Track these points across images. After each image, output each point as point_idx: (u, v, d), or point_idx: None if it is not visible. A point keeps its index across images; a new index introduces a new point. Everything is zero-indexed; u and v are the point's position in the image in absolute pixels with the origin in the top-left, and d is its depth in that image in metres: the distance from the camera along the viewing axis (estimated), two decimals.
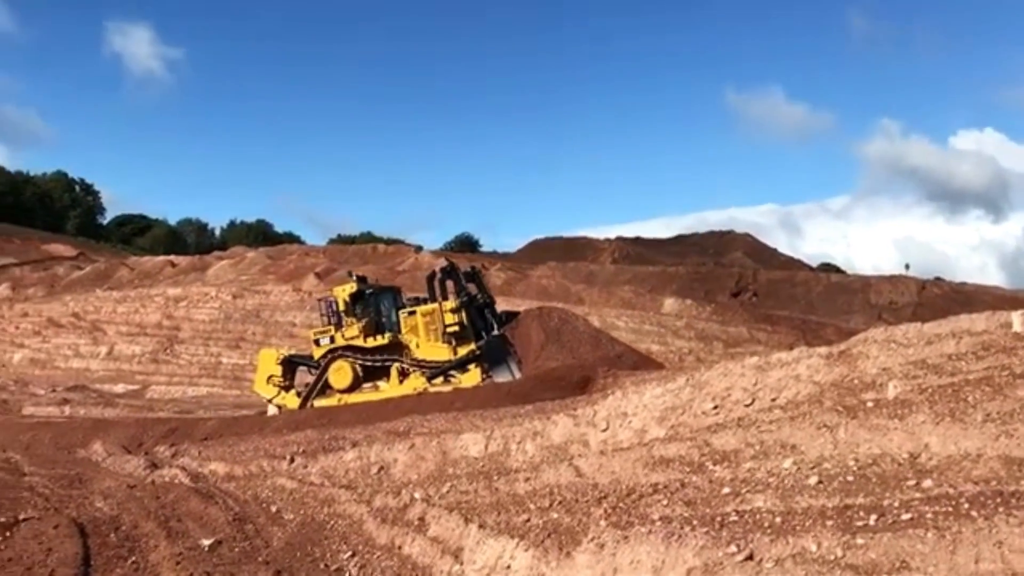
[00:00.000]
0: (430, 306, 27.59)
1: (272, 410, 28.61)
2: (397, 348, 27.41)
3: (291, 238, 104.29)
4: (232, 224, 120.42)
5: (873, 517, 5.13)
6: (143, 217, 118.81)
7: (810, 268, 69.72)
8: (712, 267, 64.36)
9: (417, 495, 10.67)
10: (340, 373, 27.57)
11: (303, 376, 29.65)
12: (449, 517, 9.02)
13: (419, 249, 74.84)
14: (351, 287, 28.68)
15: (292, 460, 15.73)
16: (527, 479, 9.76)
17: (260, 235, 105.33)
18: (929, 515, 4.93)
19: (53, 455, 21.46)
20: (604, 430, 11.46)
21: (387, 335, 27.46)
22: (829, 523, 5.19)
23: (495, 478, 10.49)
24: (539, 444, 12.10)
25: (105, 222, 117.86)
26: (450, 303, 27.18)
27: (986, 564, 4.33)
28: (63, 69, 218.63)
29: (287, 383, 29.03)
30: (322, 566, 9.79)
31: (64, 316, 54.92)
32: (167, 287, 59.14)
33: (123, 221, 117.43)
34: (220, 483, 15.48)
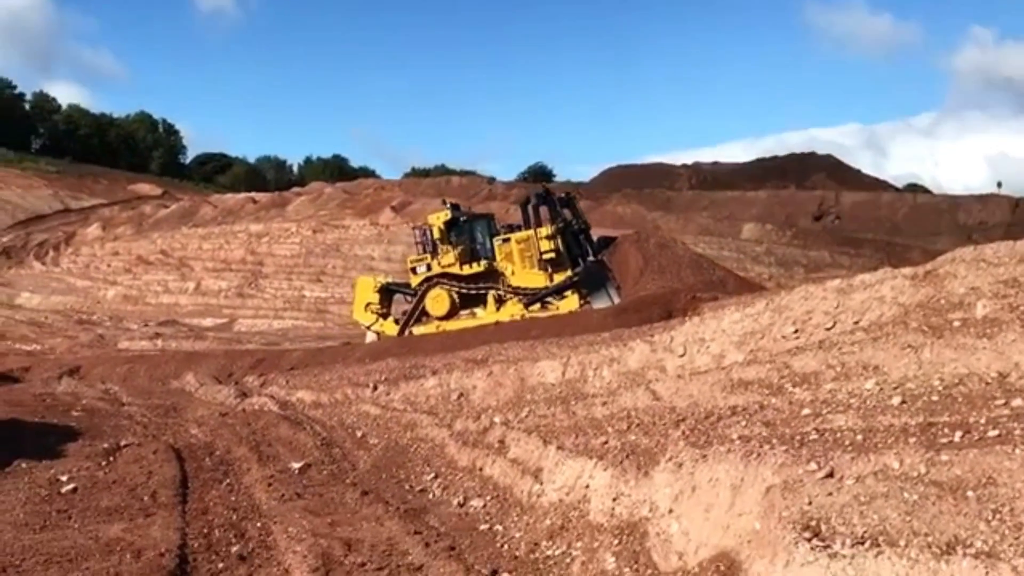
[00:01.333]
0: (525, 233, 27.58)
1: (371, 336, 29.25)
2: (493, 275, 27.62)
3: (367, 173, 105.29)
4: (309, 160, 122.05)
5: (958, 434, 5.05)
6: (223, 155, 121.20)
7: (895, 189, 67.44)
8: (793, 191, 62.77)
9: (496, 419, 10.88)
10: (437, 300, 27.96)
11: (400, 304, 30.12)
12: (528, 439, 9.17)
13: (492, 180, 74.74)
14: (445, 215, 28.80)
15: (375, 388, 16.16)
16: (604, 403, 9.85)
17: (336, 170, 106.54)
18: (1017, 432, 4.83)
19: (148, 386, 22.48)
20: (681, 355, 11.44)
21: (483, 262, 27.64)
22: (912, 440, 5.13)
23: (572, 403, 10.60)
24: (616, 370, 12.16)
25: (187, 161, 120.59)
26: (545, 230, 27.12)
27: None
28: (132, 5, 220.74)
29: (384, 310, 29.62)
30: (407, 487, 10.11)
31: (152, 253, 56.85)
32: (249, 223, 60.58)
33: (204, 160, 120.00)
34: (307, 410, 16.02)
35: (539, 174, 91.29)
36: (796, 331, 9.92)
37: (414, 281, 28.80)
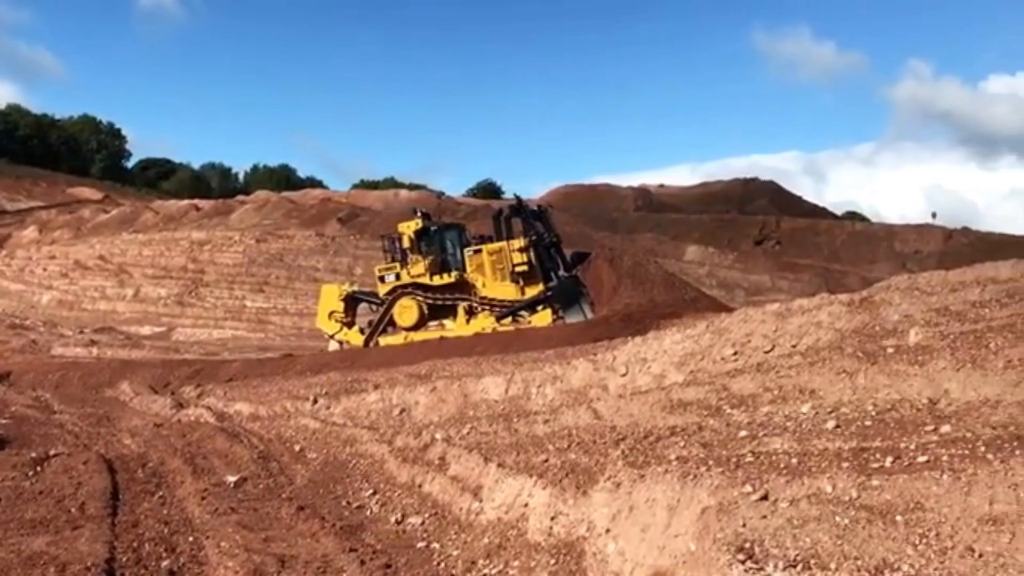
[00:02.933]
0: (497, 244, 27.24)
1: (333, 345, 28.76)
2: (464, 287, 27.20)
3: (313, 183, 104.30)
4: (255, 168, 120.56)
5: (889, 459, 5.16)
6: (167, 161, 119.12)
7: (835, 216, 68.98)
8: (736, 215, 63.81)
9: (438, 436, 10.82)
10: (406, 311, 27.46)
11: (365, 313, 29.63)
12: (469, 457, 9.14)
13: (441, 195, 74.63)
14: (416, 223, 28.29)
15: (315, 401, 15.97)
16: (546, 421, 9.87)
17: (283, 180, 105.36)
18: (945, 458, 4.95)
19: (82, 394, 21.94)
20: (623, 375, 11.53)
21: (454, 273, 27.19)
22: (845, 465, 5.23)
23: (515, 420, 10.60)
24: (559, 388, 12.21)
25: (130, 166, 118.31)
26: (518, 242, 26.80)
27: (1000, 505, 4.35)
28: (69, 2, 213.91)
29: (349, 319, 29.06)
30: (344, 503, 9.99)
31: (91, 259, 55.55)
32: (192, 231, 59.54)
33: (147, 165, 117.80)
34: (245, 423, 15.77)
35: (488, 190, 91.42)
36: (735, 353, 10.07)
37: (382, 290, 28.25)
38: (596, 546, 6.22)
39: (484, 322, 26.58)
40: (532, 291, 26.59)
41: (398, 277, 27.75)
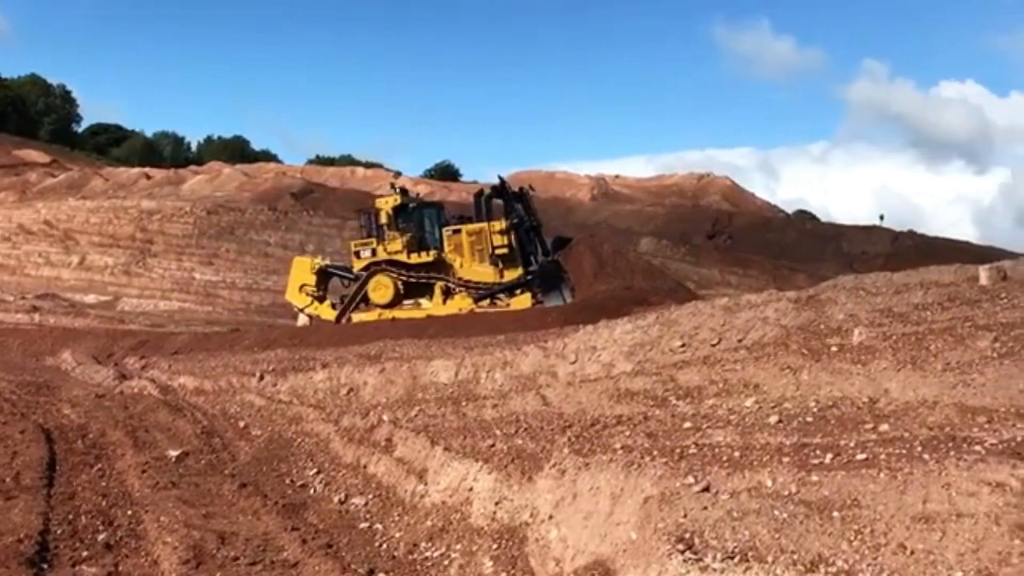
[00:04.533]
0: (477, 225, 26.94)
1: (303, 319, 28.34)
2: (441, 266, 26.87)
3: (268, 156, 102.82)
4: (209, 139, 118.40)
5: (828, 456, 5.26)
6: (119, 128, 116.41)
7: (786, 214, 69.97)
8: (690, 209, 64.40)
9: (385, 417, 10.79)
10: (381, 288, 27.09)
11: (337, 288, 29.10)
12: (415, 439, 9.13)
13: (398, 175, 74.11)
14: (395, 199, 27.91)
15: (262, 378, 15.82)
16: (495, 406, 9.89)
17: (237, 152, 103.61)
18: (883, 456, 5.06)
19: (21, 362, 21.48)
20: (573, 362, 11.59)
21: (432, 252, 26.85)
22: (786, 460, 5.32)
23: (463, 404, 10.61)
24: (508, 373, 12.22)
25: (80, 131, 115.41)
26: (499, 224, 26.47)
27: (933, 504, 4.47)
28: None
29: (320, 293, 28.63)
30: (287, 481, 9.92)
31: (35, 223, 54.23)
32: (141, 199, 58.43)
33: (98, 130, 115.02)
34: (189, 397, 15.57)
35: (446, 172, 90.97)
36: (683, 345, 10.18)
37: (357, 265, 27.78)
38: (539, 532, 6.27)
39: (461, 303, 26.29)
40: (511, 274, 26.39)
41: (374, 253, 27.33)
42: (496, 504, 7.00)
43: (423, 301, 27.19)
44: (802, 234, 54.21)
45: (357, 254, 27.89)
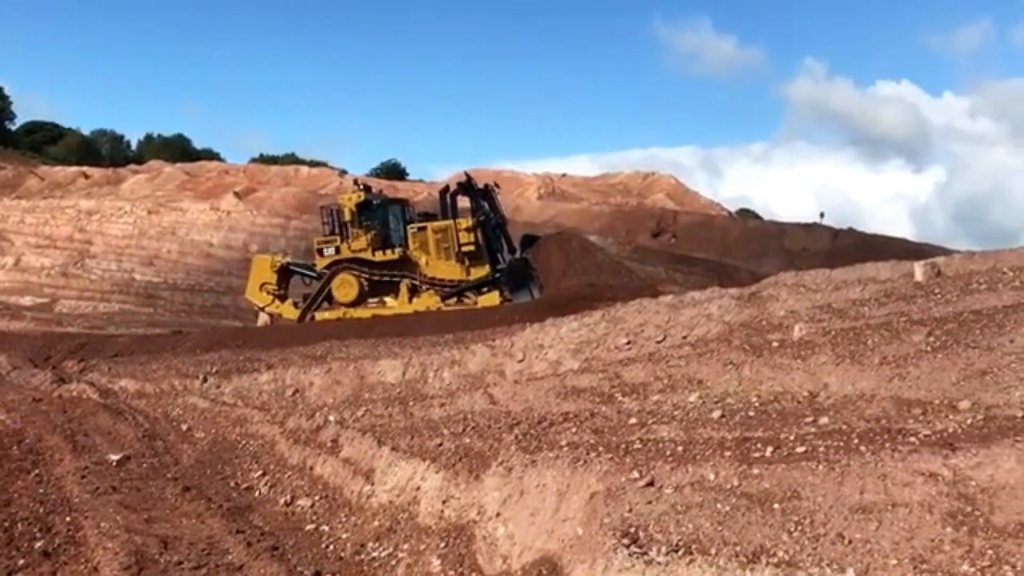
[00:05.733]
0: (443, 222, 26.58)
1: (264, 318, 27.74)
2: (407, 264, 26.47)
3: (210, 155, 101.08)
4: (149, 137, 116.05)
5: (769, 449, 5.37)
6: (55, 125, 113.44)
7: (728, 212, 70.97)
8: (635, 207, 64.94)
9: (331, 418, 10.71)
10: (345, 286, 26.60)
11: (299, 286, 28.42)
12: (362, 439, 9.09)
13: (343, 173, 73.44)
14: (358, 196, 27.40)
15: (205, 380, 15.61)
16: (442, 405, 9.89)
17: (178, 150, 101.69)
18: (822, 449, 5.18)
19: None
20: (520, 360, 11.64)
21: (397, 250, 26.40)
22: (728, 454, 5.41)
23: (411, 404, 10.58)
24: (456, 372, 12.24)
25: (13, 128, 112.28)
26: (465, 221, 26.17)
27: (870, 495, 4.59)
28: None
29: (282, 291, 28.02)
30: (232, 484, 9.81)
31: None
32: (79, 199, 57.10)
33: (33, 128, 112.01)
34: (130, 400, 15.28)
35: (392, 171, 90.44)
36: (629, 342, 10.29)
37: (320, 263, 27.19)
38: (486, 530, 6.29)
39: (428, 301, 25.96)
40: (478, 271, 26.14)
41: (337, 251, 26.79)
42: (444, 503, 7.00)
43: (388, 299, 26.82)
44: (745, 232, 55.02)
45: (320, 252, 27.32)
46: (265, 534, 7.74)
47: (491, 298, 25.46)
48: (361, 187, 28.63)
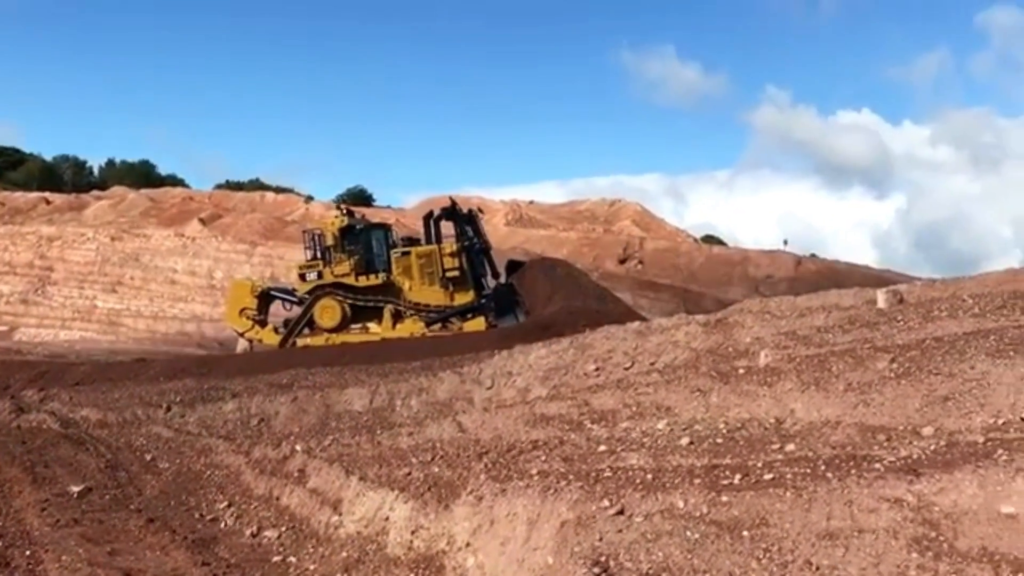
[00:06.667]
0: (427, 247, 26.38)
1: (243, 344, 27.23)
2: (390, 289, 26.21)
3: (175, 181, 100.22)
4: (112, 163, 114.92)
5: (738, 477, 5.41)
6: (16, 150, 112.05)
7: (694, 239, 71.63)
8: (601, 234, 65.34)
9: (298, 447, 10.62)
10: (328, 311, 26.21)
11: (279, 311, 28.02)
12: (329, 469, 9.02)
13: (309, 199, 73.14)
14: (341, 220, 27.17)
15: (169, 408, 15.41)
16: (410, 434, 9.84)
17: (142, 176, 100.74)
18: (789, 476, 5.23)
19: None
20: (489, 388, 11.65)
21: (381, 275, 26.13)
22: (697, 481, 5.45)
23: (378, 432, 10.53)
24: (424, 400, 12.21)
25: None
26: (449, 246, 25.95)
27: (836, 521, 4.64)
28: None
29: (262, 317, 27.55)
30: (197, 515, 9.66)
31: None
32: (40, 225, 56.28)
33: None
34: (92, 429, 15.03)
35: (359, 198, 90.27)
36: (597, 369, 10.34)
37: (302, 288, 26.80)
38: (456, 560, 6.26)
39: (412, 327, 25.74)
40: (462, 297, 25.98)
41: (320, 276, 26.46)
42: (412, 533, 6.96)
43: (372, 325, 26.54)
44: (710, 259, 55.50)
45: (302, 276, 26.99)
46: (231, 566, 7.63)
47: (477, 323, 25.35)
48: (344, 211, 28.36)
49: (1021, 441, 4.87)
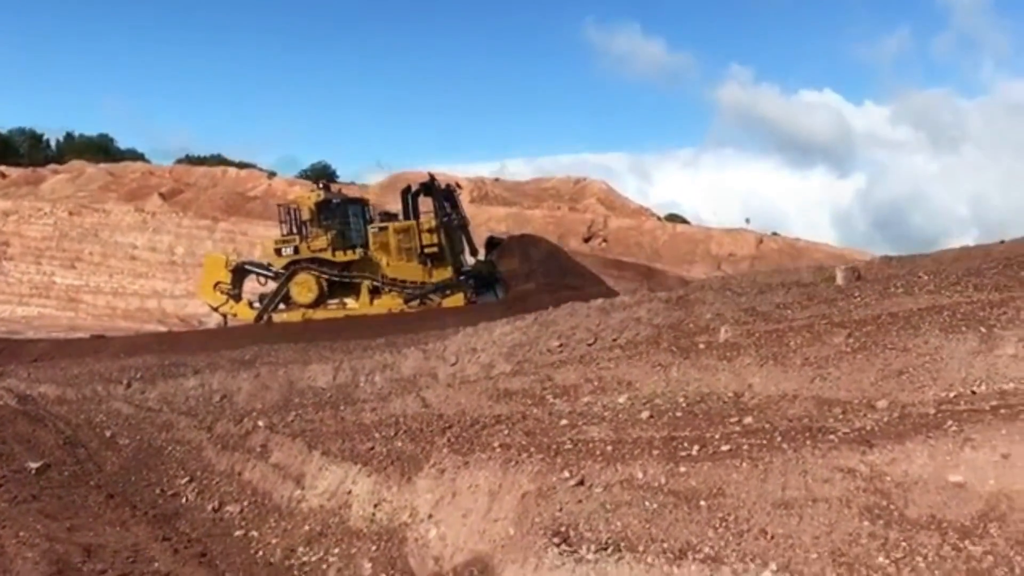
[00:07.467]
0: (404, 223, 26.11)
1: (216, 319, 26.94)
2: (368, 264, 25.90)
3: (135, 155, 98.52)
4: (70, 137, 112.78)
5: (696, 448, 5.49)
6: None
7: (657, 217, 71.98)
8: (566, 212, 65.40)
9: (260, 423, 10.57)
10: (304, 286, 25.89)
11: (253, 286, 27.67)
12: (292, 444, 9.00)
13: (272, 175, 72.35)
14: (317, 195, 26.85)
15: (129, 385, 15.25)
16: (374, 409, 9.84)
17: (101, 150, 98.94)
18: (746, 447, 5.32)
19: None
20: (453, 364, 11.67)
21: (358, 250, 25.81)
22: (656, 453, 5.52)
23: (342, 408, 10.51)
24: (388, 376, 12.20)
25: None
26: (428, 222, 25.75)
27: (791, 491, 4.74)
28: None
29: (236, 291, 27.14)
30: (158, 491, 9.61)
31: None
32: None
33: None
34: (50, 406, 14.84)
35: (322, 174, 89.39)
36: (561, 345, 10.40)
37: (278, 263, 26.39)
38: (418, 532, 6.30)
39: (390, 303, 25.50)
40: (440, 273, 25.76)
41: (296, 251, 26.11)
42: (375, 506, 6.99)
43: (349, 300, 26.31)
44: (673, 237, 55.88)
45: (278, 251, 26.59)
46: (192, 541, 7.61)
47: (456, 300, 25.24)
48: (321, 185, 27.97)
49: (970, 413, 5.00)
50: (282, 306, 26.46)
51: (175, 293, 43.19)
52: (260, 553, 7.37)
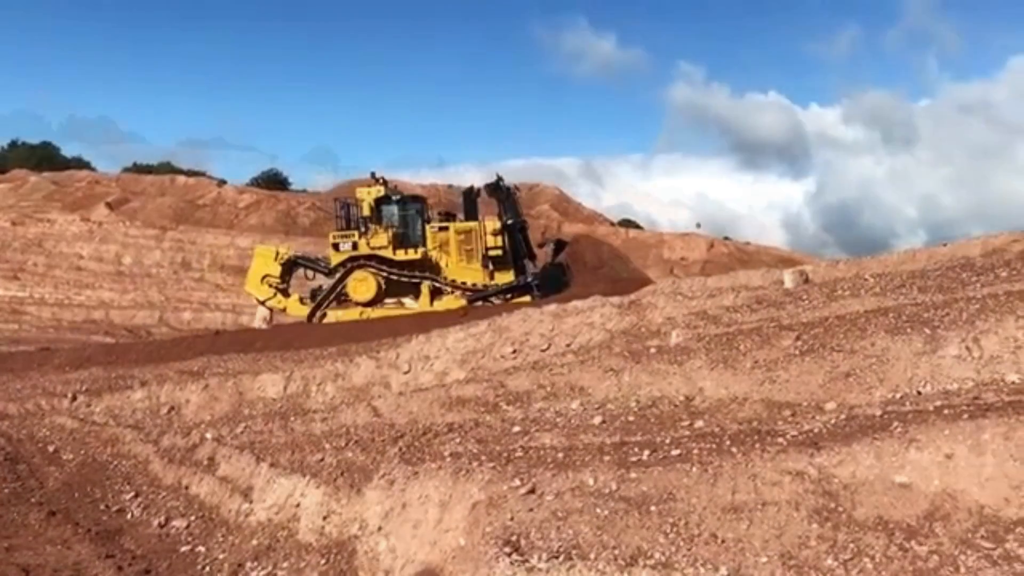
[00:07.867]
0: (467, 224, 25.74)
1: (262, 313, 26.24)
2: (429, 264, 25.41)
3: (80, 164, 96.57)
4: (13, 145, 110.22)
5: (646, 453, 5.48)
6: None
7: (611, 223, 72.43)
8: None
9: (208, 435, 10.39)
10: (363, 284, 25.36)
11: (303, 282, 27.13)
12: (240, 456, 8.85)
13: (223, 183, 71.40)
14: (378, 191, 26.23)
15: (74, 398, 14.95)
16: (324, 420, 9.72)
17: (45, 159, 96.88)
18: (696, 451, 5.32)
19: None
20: (406, 372, 11.56)
21: (419, 249, 25.29)
22: (607, 459, 5.50)
23: (292, 419, 10.37)
24: (340, 386, 12.07)
25: None
26: (492, 224, 25.36)
27: (741, 495, 4.73)
28: None
29: (284, 286, 26.53)
30: (102, 507, 9.38)
31: None
32: None
33: None
34: None
35: (272, 180, 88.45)
36: (514, 351, 10.36)
37: (335, 259, 25.75)
38: (368, 544, 6.20)
39: (453, 303, 24.91)
40: (503, 277, 25.37)
41: (355, 247, 25.53)
42: (324, 519, 6.87)
43: (406, 300, 25.76)
44: (626, 242, 56.24)
45: (336, 246, 25.93)
46: (137, 558, 7.43)
47: (524, 301, 25.04)
48: (380, 180, 27.33)
49: (915, 414, 5.05)
50: (335, 304, 25.81)
51: (122, 304, 42.42)
52: (207, 569, 7.21)
